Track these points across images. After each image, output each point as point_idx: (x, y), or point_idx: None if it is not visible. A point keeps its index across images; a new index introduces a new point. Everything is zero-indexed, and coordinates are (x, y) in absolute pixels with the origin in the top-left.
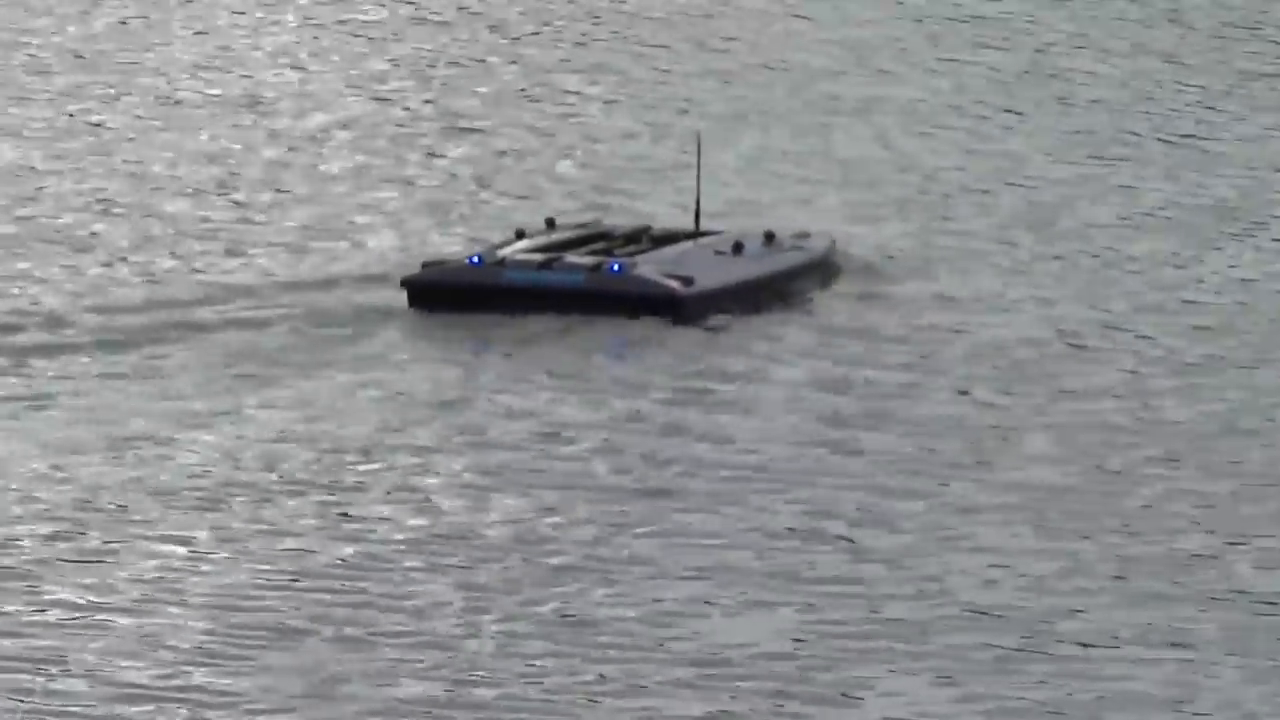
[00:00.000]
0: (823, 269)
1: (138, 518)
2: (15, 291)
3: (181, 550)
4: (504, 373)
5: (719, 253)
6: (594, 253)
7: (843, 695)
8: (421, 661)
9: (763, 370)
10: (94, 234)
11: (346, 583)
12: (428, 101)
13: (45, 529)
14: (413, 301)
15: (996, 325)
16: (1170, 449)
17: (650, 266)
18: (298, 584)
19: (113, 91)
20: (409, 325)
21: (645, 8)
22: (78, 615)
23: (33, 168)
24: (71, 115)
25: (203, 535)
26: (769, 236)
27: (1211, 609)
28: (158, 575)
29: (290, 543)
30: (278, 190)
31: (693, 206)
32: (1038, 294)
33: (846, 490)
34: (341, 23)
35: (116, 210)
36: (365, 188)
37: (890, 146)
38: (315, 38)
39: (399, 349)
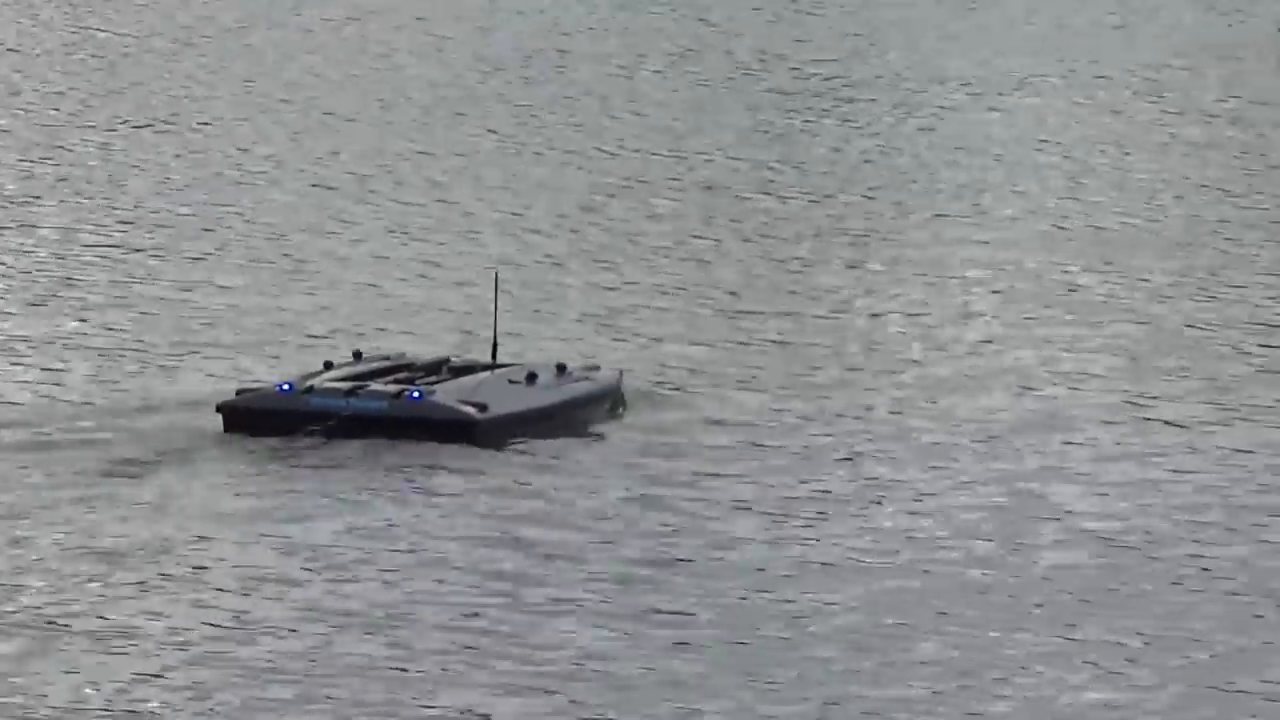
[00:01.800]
0: (611, 398)
1: None
2: None
3: None
4: (310, 493)
5: (513, 382)
6: (396, 382)
7: None
8: None
9: (550, 489)
10: None
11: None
12: (253, 225)
13: None
14: (228, 426)
15: (770, 446)
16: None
17: (448, 394)
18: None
19: None
20: (224, 447)
21: (430, 160)
22: None
23: None
24: None
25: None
26: (561, 368)
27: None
28: None
29: (69, 657)
30: (88, 317)
31: (490, 341)
32: (798, 413)
33: (625, 602)
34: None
35: None
36: (182, 319)
37: (669, 279)
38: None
39: (215, 470)
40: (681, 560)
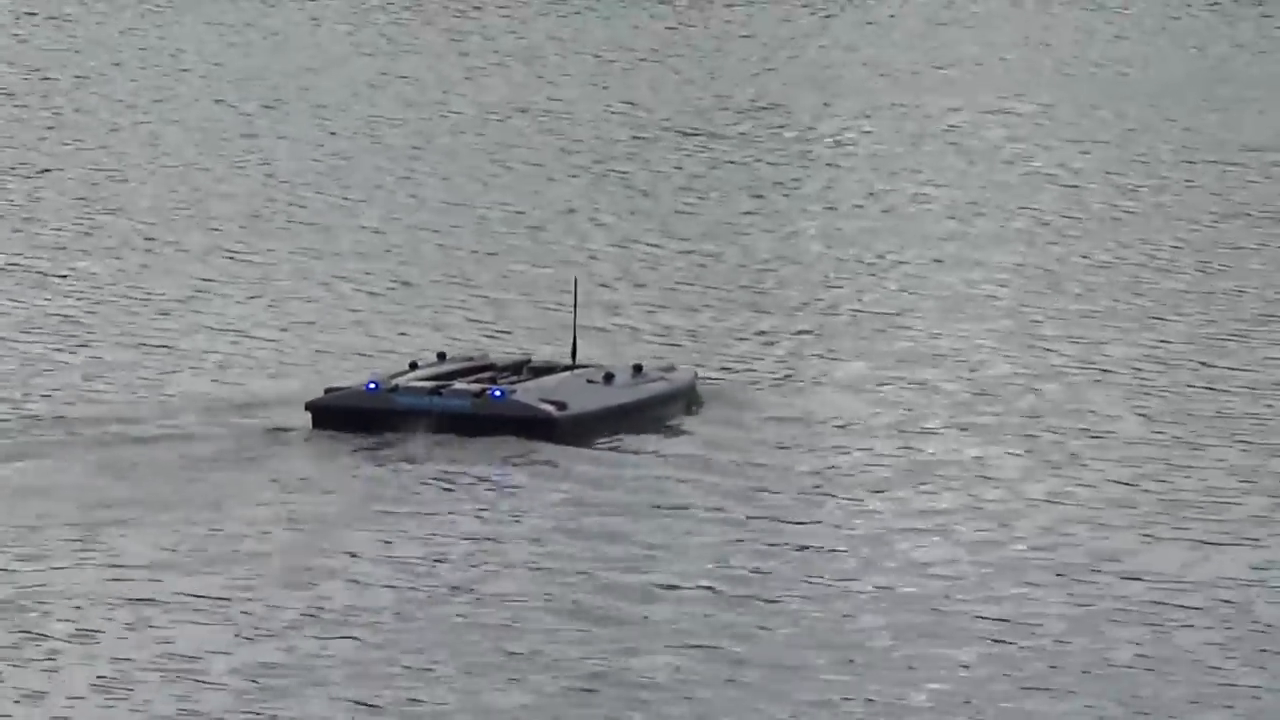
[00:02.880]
0: (686, 397)
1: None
2: None
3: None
4: (396, 488)
5: (591, 382)
6: (479, 381)
7: None
8: None
9: (626, 481)
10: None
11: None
12: (345, 230)
13: None
14: (316, 423)
15: (836, 445)
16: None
17: (529, 393)
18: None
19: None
20: (313, 444)
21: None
22: None
23: None
24: None
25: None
26: (637, 368)
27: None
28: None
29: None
30: (192, 315)
31: (570, 342)
32: (868, 413)
33: (699, 588)
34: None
35: (35, 325)
36: (273, 320)
37: (744, 282)
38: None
39: (304, 465)
40: (754, 551)
